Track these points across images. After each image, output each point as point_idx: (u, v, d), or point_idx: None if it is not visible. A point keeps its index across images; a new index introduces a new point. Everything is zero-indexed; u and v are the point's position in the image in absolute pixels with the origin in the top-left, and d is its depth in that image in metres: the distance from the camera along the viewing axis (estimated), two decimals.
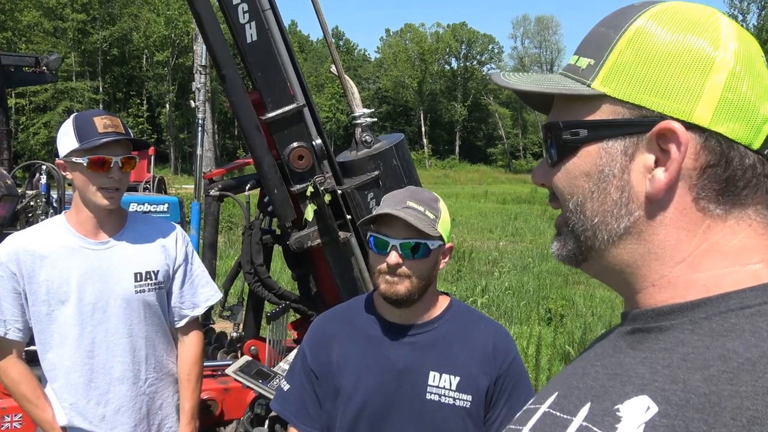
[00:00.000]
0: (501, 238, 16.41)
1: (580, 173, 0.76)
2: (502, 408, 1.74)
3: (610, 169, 0.74)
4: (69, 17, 48.28)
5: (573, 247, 0.79)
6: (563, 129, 0.77)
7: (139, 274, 2.27)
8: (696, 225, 0.71)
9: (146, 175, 8.27)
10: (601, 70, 0.74)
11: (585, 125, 0.76)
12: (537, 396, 0.82)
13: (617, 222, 0.74)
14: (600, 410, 0.67)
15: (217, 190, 3.26)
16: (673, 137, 0.70)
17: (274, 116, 2.84)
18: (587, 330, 7.54)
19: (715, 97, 0.69)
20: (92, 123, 2.15)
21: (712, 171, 0.70)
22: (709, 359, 0.62)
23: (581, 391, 0.72)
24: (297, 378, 1.84)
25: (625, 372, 0.69)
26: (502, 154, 71.19)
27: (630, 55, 0.73)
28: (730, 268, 0.70)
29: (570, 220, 0.78)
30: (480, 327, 1.82)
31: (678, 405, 0.60)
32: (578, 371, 0.77)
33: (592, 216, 0.76)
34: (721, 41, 0.70)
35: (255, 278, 3.16)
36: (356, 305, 1.89)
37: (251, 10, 2.75)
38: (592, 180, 0.75)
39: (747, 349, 0.61)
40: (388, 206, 1.69)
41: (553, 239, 0.83)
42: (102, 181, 2.15)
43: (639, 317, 0.74)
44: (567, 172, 0.78)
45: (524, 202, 28.37)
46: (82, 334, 2.20)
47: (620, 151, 0.73)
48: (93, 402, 2.23)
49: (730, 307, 0.66)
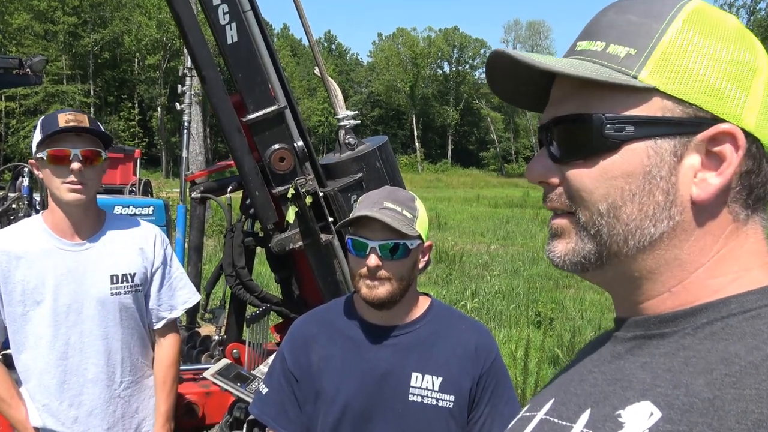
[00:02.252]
0: (492, 242, 16.43)
1: (621, 173, 0.69)
2: (485, 407, 1.73)
3: (658, 171, 0.68)
4: (60, 20, 48.13)
5: (589, 253, 0.72)
6: (606, 123, 0.69)
7: (116, 276, 2.26)
8: (722, 230, 0.70)
9: (132, 177, 8.23)
10: (649, 61, 0.68)
11: (634, 120, 0.69)
12: (531, 403, 0.80)
13: (655, 227, 0.69)
14: (601, 416, 0.66)
15: (199, 192, 3.24)
16: (730, 141, 0.67)
17: (255, 118, 2.82)
18: (576, 333, 7.55)
19: (758, 102, 0.68)
20: (55, 119, 2.15)
21: (747, 177, 0.69)
22: (711, 363, 0.61)
23: (580, 398, 0.71)
24: (276, 381, 1.82)
25: (625, 377, 0.68)
26: (494, 158, 71.39)
27: (680, 49, 0.68)
28: (739, 272, 0.69)
29: (594, 223, 0.71)
30: (461, 327, 1.81)
31: (681, 410, 0.59)
32: (575, 377, 0.76)
33: (629, 221, 0.69)
34: (756, 48, 0.70)
35: (237, 281, 3.14)
36: (336, 307, 1.87)
37: (232, 11, 2.74)
38: (635, 181, 0.69)
39: (749, 352, 0.60)
40: (365, 208, 1.68)
41: (554, 242, 0.75)
42: (64, 175, 2.13)
43: (641, 324, 0.72)
44: (604, 170, 0.70)
45: (516, 206, 28.42)
46: (56, 335, 2.19)
47: (670, 152, 0.68)
48: (66, 404, 2.21)
49: (731, 311, 0.66)
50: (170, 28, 47.26)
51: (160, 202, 5.56)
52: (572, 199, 0.73)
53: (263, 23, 2.89)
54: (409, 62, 72.54)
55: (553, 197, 0.75)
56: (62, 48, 49.26)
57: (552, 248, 0.76)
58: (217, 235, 12.99)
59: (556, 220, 0.75)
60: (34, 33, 47.62)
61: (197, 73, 2.86)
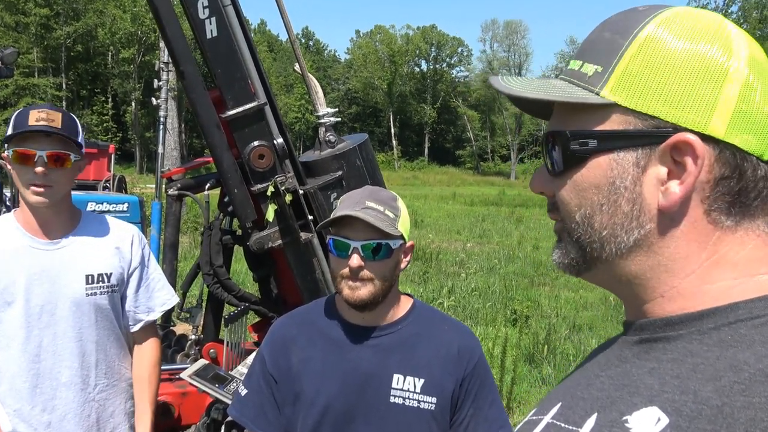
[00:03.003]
0: (468, 240, 16.49)
1: (589, 185, 0.73)
2: (468, 409, 1.71)
3: (621, 181, 0.71)
4: (32, 12, 47.10)
5: (576, 257, 0.77)
6: (571, 139, 0.74)
7: (91, 276, 2.20)
8: (707, 237, 0.70)
9: (106, 173, 8.07)
10: (611, 78, 0.71)
11: (595, 135, 0.73)
12: (538, 407, 0.81)
13: (627, 235, 0.72)
14: (608, 421, 0.66)
15: (176, 189, 3.19)
16: (689, 150, 0.68)
17: (234, 114, 2.79)
18: (552, 331, 7.61)
19: (730, 108, 0.68)
20: (27, 116, 2.07)
21: (725, 183, 0.69)
22: (719, 370, 0.61)
23: (587, 402, 0.71)
24: (255, 382, 1.79)
25: (632, 383, 0.68)
26: (471, 157, 71.70)
27: (641, 63, 0.70)
28: (739, 279, 0.69)
29: (575, 231, 0.76)
30: (444, 328, 1.80)
31: (689, 417, 0.59)
32: (582, 382, 0.76)
33: (601, 229, 0.73)
34: (734, 50, 0.69)
35: (214, 279, 3.10)
36: (317, 308, 1.85)
37: (212, 5, 2.69)
38: (602, 192, 0.73)
39: (758, 359, 0.60)
40: (347, 207, 1.65)
41: (554, 247, 0.81)
42: (29, 177, 2.06)
43: (646, 327, 0.72)
44: (575, 183, 0.75)
45: (492, 204, 28.60)
46: (29, 337, 2.12)
47: (632, 163, 0.71)
48: (38, 408, 2.14)
49: (738, 317, 0.66)
50: (145, 22, 46.63)
51: (135, 198, 5.48)
52: (558, 210, 0.78)
53: (243, 18, 2.85)
54: (386, 60, 72.44)
55: (551, 207, 0.80)
56: (34, 40, 48.24)
57: (552, 253, 0.81)
58: (192, 231, 12.84)
59: (556, 227, 0.80)
60: (5, 24, 46.58)
61: (175, 68, 2.82)
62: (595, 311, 9.13)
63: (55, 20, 49.67)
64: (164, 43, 2.76)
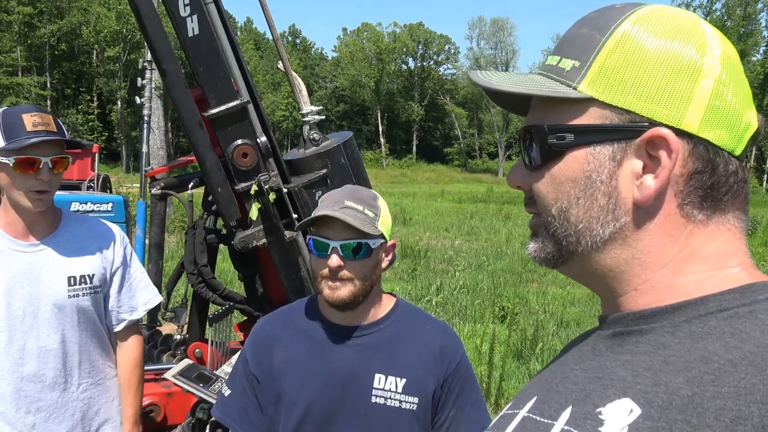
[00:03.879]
0: (456, 237, 16.54)
1: (566, 179, 0.74)
2: (450, 410, 1.71)
3: (598, 175, 0.72)
4: (14, 10, 46.67)
5: (552, 251, 0.78)
6: (548, 133, 0.75)
7: (73, 278, 2.17)
8: (679, 230, 0.71)
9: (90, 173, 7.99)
10: (588, 73, 0.72)
11: (572, 129, 0.74)
12: (514, 401, 0.81)
13: (603, 228, 0.73)
14: (582, 413, 0.67)
15: (159, 188, 3.16)
16: (663, 144, 0.69)
17: (217, 113, 2.76)
18: (539, 327, 7.64)
19: (703, 103, 0.69)
20: (20, 120, 2.02)
21: (698, 177, 0.70)
22: (690, 361, 0.63)
23: (561, 395, 0.72)
24: (238, 383, 1.78)
25: (606, 375, 0.69)
26: (459, 154, 71.89)
27: (617, 59, 0.71)
28: (710, 272, 0.70)
29: (551, 225, 0.77)
30: (427, 327, 1.79)
31: (661, 407, 0.60)
32: (557, 375, 0.77)
33: (577, 222, 0.74)
34: (707, 48, 0.71)
35: (199, 279, 3.08)
36: (299, 307, 1.84)
37: (193, 3, 2.67)
38: (579, 186, 0.74)
39: (728, 350, 0.61)
40: (326, 207, 1.64)
41: (529, 240, 0.82)
42: (30, 183, 2.04)
43: (619, 320, 0.74)
44: (552, 177, 0.76)
45: (480, 201, 28.67)
46: (11, 340, 2.09)
47: (608, 157, 0.72)
48: (22, 411, 2.12)
49: (709, 309, 0.67)
50: (130, 20, 46.22)
51: (120, 198, 5.42)
52: (535, 204, 0.79)
53: (225, 16, 2.83)
54: (374, 57, 72.43)
55: (528, 201, 0.81)
56: (17, 39, 47.80)
57: (528, 246, 0.82)
58: (178, 231, 12.79)
59: (531, 221, 0.81)
60: None
61: (157, 66, 2.79)
62: (582, 307, 9.18)
63: (39, 18, 49.26)
64: (146, 42, 2.73)
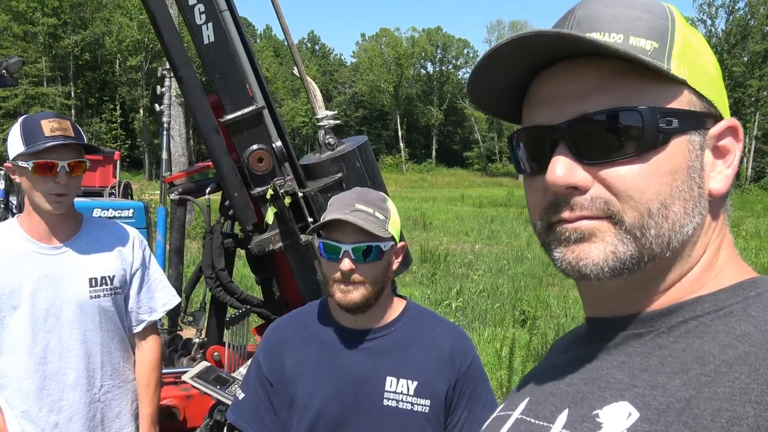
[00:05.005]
0: (477, 241, 16.46)
1: (670, 169, 0.65)
2: (463, 411, 1.70)
3: (694, 165, 0.66)
4: (39, 21, 47.56)
5: (630, 257, 0.66)
6: (659, 116, 0.65)
7: (94, 279, 2.24)
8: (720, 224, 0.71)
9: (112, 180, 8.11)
10: (673, 55, 0.66)
11: (678, 113, 0.65)
12: (505, 402, 0.80)
13: (690, 224, 0.66)
14: (579, 416, 0.66)
15: (177, 194, 3.20)
16: (734, 134, 0.69)
17: (232, 118, 2.80)
18: (560, 331, 7.58)
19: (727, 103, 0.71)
20: (39, 126, 2.10)
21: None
22: (686, 363, 0.62)
23: (556, 397, 0.71)
24: (251, 386, 1.80)
25: (602, 377, 0.68)
26: (479, 158, 71.58)
27: (688, 46, 0.68)
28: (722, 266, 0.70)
29: (642, 225, 0.65)
30: (437, 329, 1.79)
31: (659, 410, 0.60)
32: (548, 376, 0.75)
33: (675, 219, 0.65)
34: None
35: (216, 283, 3.11)
36: (311, 311, 1.85)
37: (208, 10, 2.71)
38: (681, 177, 0.65)
39: (723, 350, 0.61)
40: (336, 211, 1.65)
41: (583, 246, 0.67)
42: (49, 186, 2.11)
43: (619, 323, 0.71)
44: (655, 167, 0.65)
45: (500, 205, 28.49)
46: (35, 340, 2.16)
47: (699, 145, 0.67)
48: (45, 409, 2.18)
49: (705, 310, 0.66)
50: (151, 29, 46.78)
51: (140, 204, 5.50)
52: (615, 201, 0.66)
53: (240, 23, 2.87)
54: (392, 62, 72.55)
55: (584, 203, 0.67)
56: (42, 49, 48.70)
57: (583, 255, 0.67)
58: (200, 237, 12.90)
59: (586, 223, 0.67)
60: (13, 34, 47.02)
61: (174, 74, 2.83)
62: None
63: (63, 29, 50.13)
64: (162, 50, 2.77)
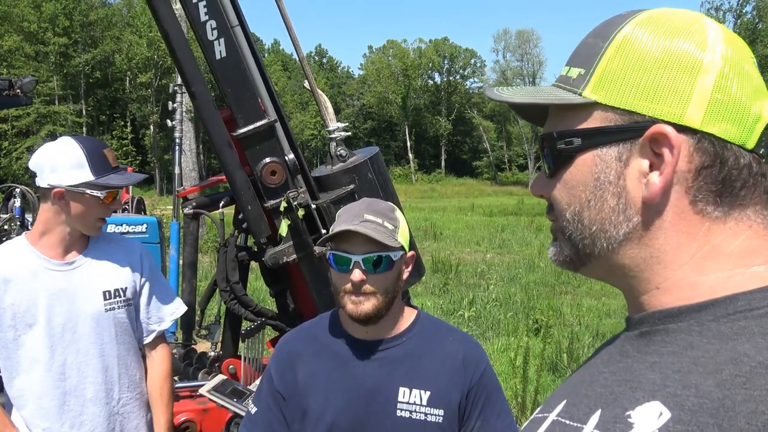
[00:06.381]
0: (488, 251, 16.40)
1: (577, 183, 0.76)
2: (476, 421, 1.69)
3: (606, 176, 0.74)
4: (50, 41, 48.14)
5: (570, 254, 0.80)
6: (557, 139, 0.78)
7: (108, 292, 2.26)
8: (696, 228, 0.71)
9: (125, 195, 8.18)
10: (592, 79, 0.75)
11: (578, 134, 0.76)
12: (544, 404, 0.82)
13: (616, 229, 0.74)
14: (611, 417, 0.66)
15: (191, 208, 3.23)
16: (665, 141, 0.69)
17: (245, 132, 2.83)
18: (574, 339, 7.53)
19: (705, 98, 0.70)
20: (103, 156, 2.20)
21: (707, 172, 0.70)
22: (720, 363, 0.62)
23: (590, 399, 0.72)
24: (264, 400, 1.79)
25: (634, 378, 0.68)
26: (488, 167, 71.51)
27: (618, 63, 0.73)
28: (735, 270, 0.69)
29: (567, 229, 0.78)
30: (449, 338, 1.78)
31: (691, 410, 0.60)
32: (585, 378, 0.77)
33: (590, 225, 0.76)
34: (708, 44, 0.71)
35: (231, 296, 3.12)
36: (321, 322, 1.84)
37: (219, 26, 2.75)
38: (589, 189, 0.75)
39: (759, 352, 0.60)
40: (345, 221, 1.64)
41: (550, 245, 0.84)
42: (104, 212, 2.22)
43: (645, 320, 0.73)
44: (564, 182, 0.78)
45: (511, 214, 28.39)
46: (53, 356, 2.17)
47: (614, 158, 0.73)
48: (67, 425, 2.19)
49: (737, 308, 0.66)
50: (161, 46, 47.32)
51: (154, 219, 5.54)
52: (553, 210, 0.81)
53: (251, 38, 2.91)
54: (400, 74, 72.77)
55: (548, 208, 0.84)
56: (53, 69, 49.26)
57: (549, 251, 0.85)
58: (212, 251, 12.93)
59: (551, 227, 0.84)
60: (25, 54, 47.64)
61: (186, 89, 2.87)
62: (618, 318, 9.01)
63: (74, 48, 50.71)
64: (175, 66, 2.81)
